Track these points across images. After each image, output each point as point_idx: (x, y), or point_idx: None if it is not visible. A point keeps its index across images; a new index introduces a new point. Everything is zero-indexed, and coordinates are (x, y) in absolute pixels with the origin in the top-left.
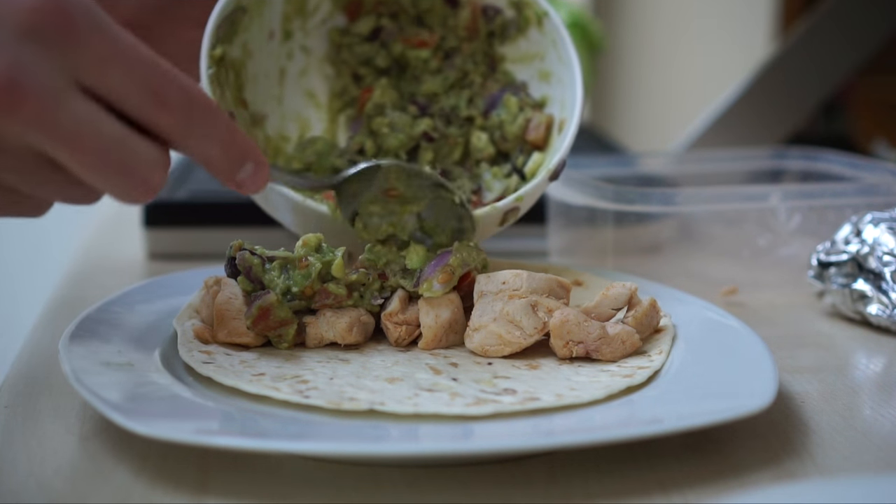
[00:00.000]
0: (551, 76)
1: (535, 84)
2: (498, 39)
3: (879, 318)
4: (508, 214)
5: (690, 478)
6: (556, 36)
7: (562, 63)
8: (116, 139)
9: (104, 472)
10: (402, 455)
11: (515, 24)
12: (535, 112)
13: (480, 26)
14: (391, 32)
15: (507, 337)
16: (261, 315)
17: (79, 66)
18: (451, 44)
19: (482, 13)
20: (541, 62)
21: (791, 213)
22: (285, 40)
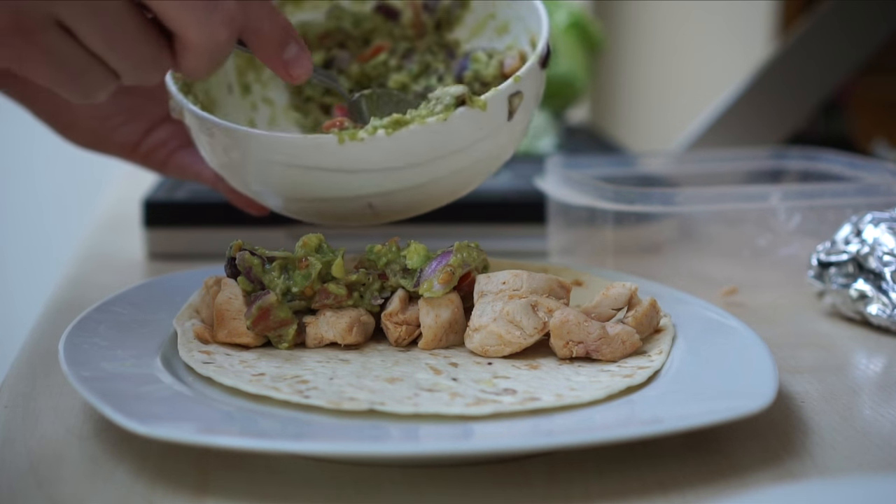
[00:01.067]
0: (509, 24)
1: (497, 42)
2: (446, 27)
3: (879, 318)
4: (514, 98)
5: (690, 478)
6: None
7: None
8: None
9: (104, 472)
10: (402, 455)
11: (457, 4)
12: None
13: (426, 21)
14: (344, 59)
15: (507, 337)
16: (261, 315)
17: None
18: (405, 46)
19: (423, 9)
20: (493, 20)
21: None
22: (245, 94)
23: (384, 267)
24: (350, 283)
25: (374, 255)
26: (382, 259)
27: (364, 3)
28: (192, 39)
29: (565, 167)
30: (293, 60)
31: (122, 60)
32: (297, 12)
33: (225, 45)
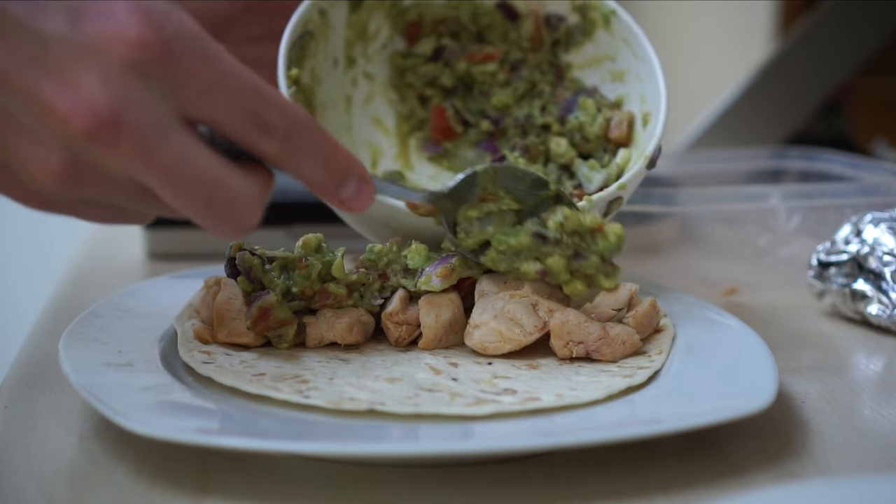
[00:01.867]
0: (625, 74)
1: (608, 86)
2: (563, 47)
3: (879, 318)
4: (612, 204)
5: (690, 478)
6: (628, 33)
7: (637, 59)
8: (215, 176)
9: (104, 472)
10: (402, 455)
11: (581, 29)
12: (615, 111)
13: (545, 36)
14: (454, 51)
15: (507, 333)
16: (261, 315)
17: (183, 99)
18: (516, 56)
19: (545, 23)
20: (612, 63)
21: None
22: (349, 67)
23: (385, 267)
24: (350, 283)
25: (375, 255)
26: (383, 259)
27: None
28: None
29: None
30: (352, 197)
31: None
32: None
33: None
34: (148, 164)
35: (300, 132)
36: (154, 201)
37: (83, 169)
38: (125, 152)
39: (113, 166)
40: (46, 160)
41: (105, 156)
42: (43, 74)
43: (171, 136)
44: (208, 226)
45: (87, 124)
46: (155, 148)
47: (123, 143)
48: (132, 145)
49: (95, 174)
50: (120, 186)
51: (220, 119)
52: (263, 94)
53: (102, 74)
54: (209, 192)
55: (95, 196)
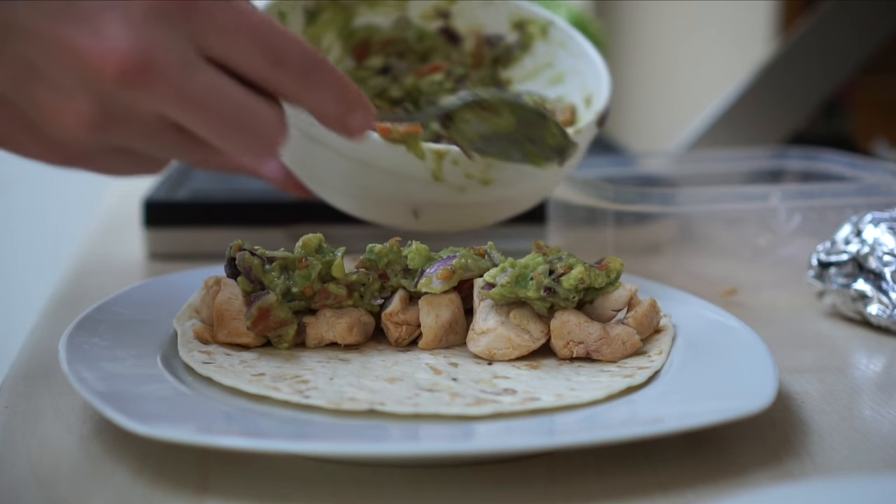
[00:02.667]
0: (565, 76)
1: (549, 90)
2: (503, 64)
3: (879, 319)
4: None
5: (690, 478)
6: (564, 38)
7: (574, 57)
8: (242, 104)
9: (104, 472)
10: (403, 455)
11: (520, 44)
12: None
13: (485, 53)
14: (401, 68)
15: (517, 340)
16: (261, 316)
17: (204, 39)
18: (459, 72)
19: (486, 41)
20: (551, 69)
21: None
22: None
23: (385, 267)
24: (350, 283)
25: (375, 255)
26: (383, 259)
27: (431, 22)
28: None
29: None
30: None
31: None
32: (368, 13)
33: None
34: (181, 98)
35: (315, 65)
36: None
37: (114, 113)
38: (158, 91)
39: (145, 107)
40: (77, 108)
41: (138, 97)
42: (72, 25)
43: (198, 71)
44: (241, 148)
45: (119, 68)
46: (186, 83)
47: (156, 83)
48: (164, 83)
49: (125, 117)
50: (149, 127)
51: (241, 56)
52: (280, 32)
53: (128, 21)
54: (240, 118)
55: (120, 141)
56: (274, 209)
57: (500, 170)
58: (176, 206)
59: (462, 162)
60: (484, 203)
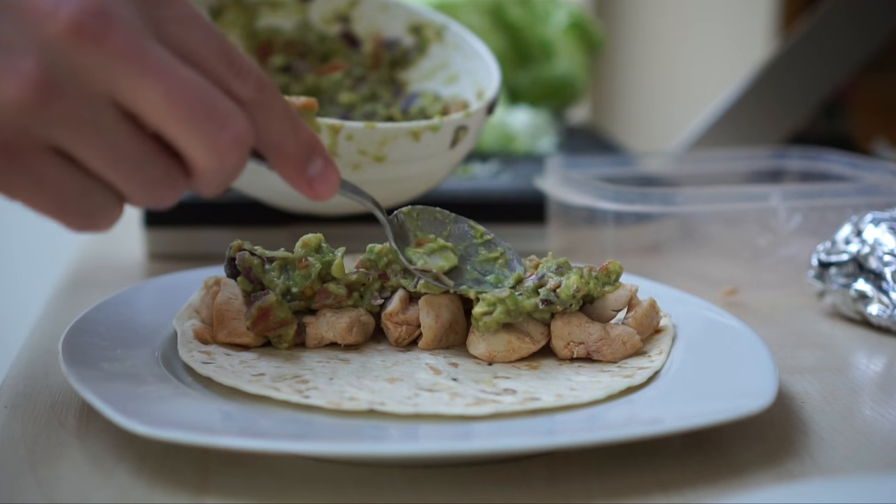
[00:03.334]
0: (459, 76)
1: (444, 89)
2: (400, 66)
3: (880, 319)
4: (460, 132)
5: (690, 478)
6: (458, 40)
7: (468, 58)
8: (201, 83)
9: (104, 472)
10: (402, 455)
11: (416, 47)
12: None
13: (383, 56)
14: (302, 67)
15: (517, 343)
16: (260, 316)
17: (161, 21)
18: (359, 73)
19: (384, 45)
20: (446, 70)
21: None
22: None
23: (385, 267)
24: (350, 284)
25: (375, 255)
26: (383, 259)
27: (331, 26)
28: (199, 163)
29: (565, 167)
30: (318, 177)
31: (129, 182)
32: (270, 16)
33: (235, 167)
34: (139, 60)
35: (271, 89)
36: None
37: (60, 82)
38: (113, 45)
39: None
40: (21, 67)
41: (90, 54)
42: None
43: (154, 43)
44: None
45: (73, 20)
46: (145, 47)
47: (111, 35)
48: (120, 38)
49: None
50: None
51: (196, 48)
52: (231, 43)
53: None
54: (206, 100)
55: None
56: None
57: (393, 147)
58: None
59: (356, 137)
60: (378, 182)
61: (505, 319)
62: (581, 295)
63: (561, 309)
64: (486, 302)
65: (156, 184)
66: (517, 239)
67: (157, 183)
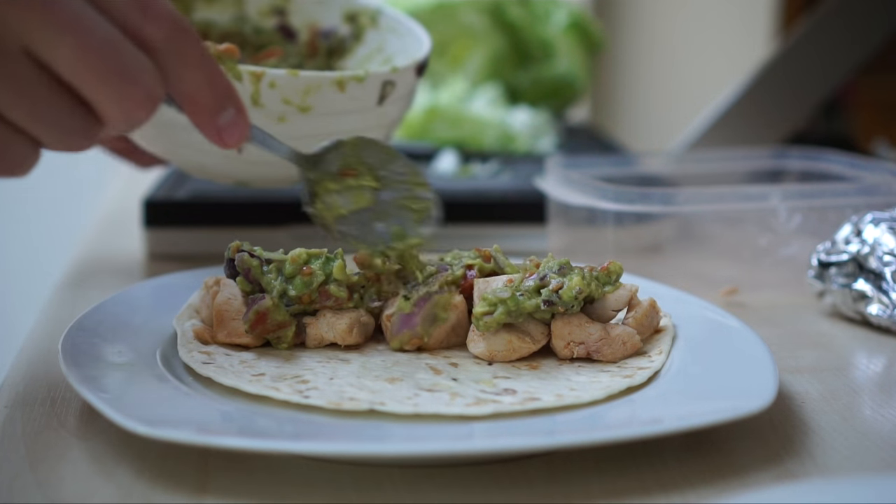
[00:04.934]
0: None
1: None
2: (337, 55)
3: (880, 318)
4: (387, 87)
5: (690, 478)
6: (393, 23)
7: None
8: (113, 35)
9: (104, 472)
10: (403, 455)
11: (352, 35)
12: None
13: (320, 45)
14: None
15: (517, 343)
16: (258, 319)
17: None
18: (294, 62)
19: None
20: (381, 53)
21: (791, 213)
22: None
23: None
24: (351, 285)
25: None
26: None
27: (267, 19)
28: (109, 115)
29: (565, 167)
30: (229, 125)
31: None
32: (205, 10)
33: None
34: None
35: (186, 34)
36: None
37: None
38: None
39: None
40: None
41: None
42: None
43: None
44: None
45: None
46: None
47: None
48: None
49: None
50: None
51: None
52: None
53: None
54: (118, 53)
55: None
56: (274, 209)
57: (318, 97)
58: (176, 206)
59: (279, 85)
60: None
61: (505, 320)
62: (583, 296)
63: (562, 310)
64: (486, 302)
65: (72, 132)
66: (517, 239)
67: (73, 132)
